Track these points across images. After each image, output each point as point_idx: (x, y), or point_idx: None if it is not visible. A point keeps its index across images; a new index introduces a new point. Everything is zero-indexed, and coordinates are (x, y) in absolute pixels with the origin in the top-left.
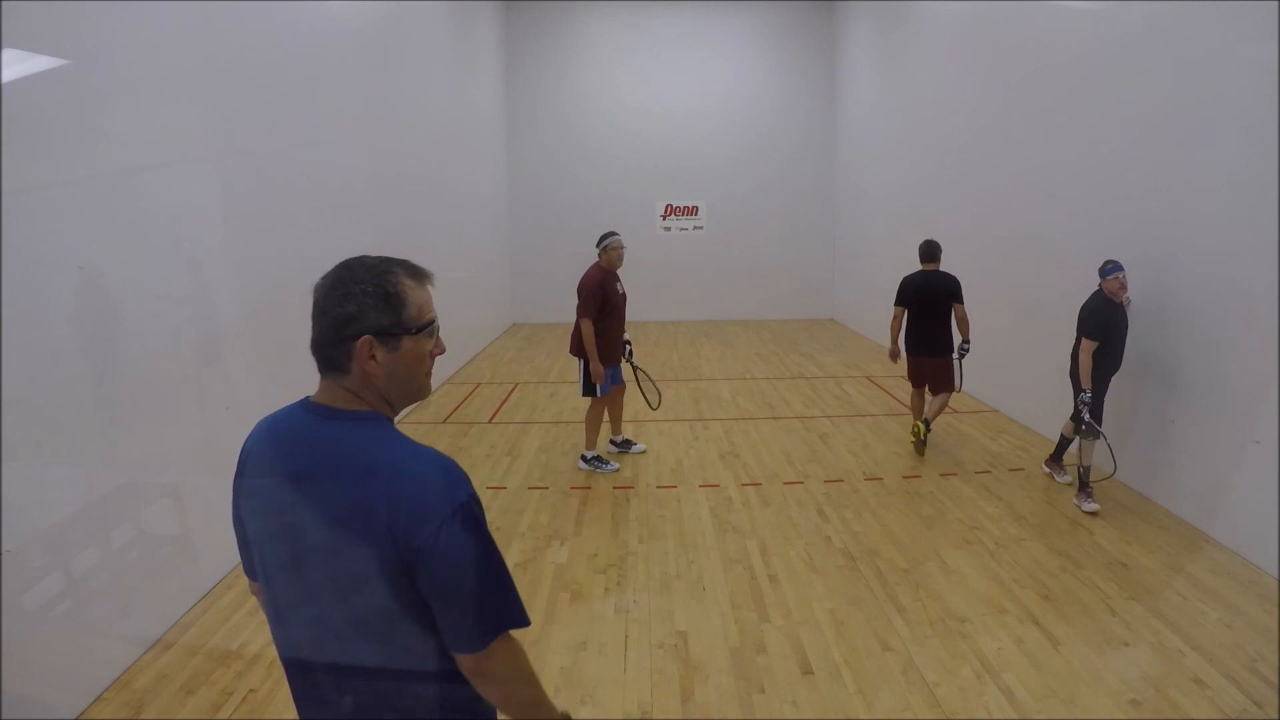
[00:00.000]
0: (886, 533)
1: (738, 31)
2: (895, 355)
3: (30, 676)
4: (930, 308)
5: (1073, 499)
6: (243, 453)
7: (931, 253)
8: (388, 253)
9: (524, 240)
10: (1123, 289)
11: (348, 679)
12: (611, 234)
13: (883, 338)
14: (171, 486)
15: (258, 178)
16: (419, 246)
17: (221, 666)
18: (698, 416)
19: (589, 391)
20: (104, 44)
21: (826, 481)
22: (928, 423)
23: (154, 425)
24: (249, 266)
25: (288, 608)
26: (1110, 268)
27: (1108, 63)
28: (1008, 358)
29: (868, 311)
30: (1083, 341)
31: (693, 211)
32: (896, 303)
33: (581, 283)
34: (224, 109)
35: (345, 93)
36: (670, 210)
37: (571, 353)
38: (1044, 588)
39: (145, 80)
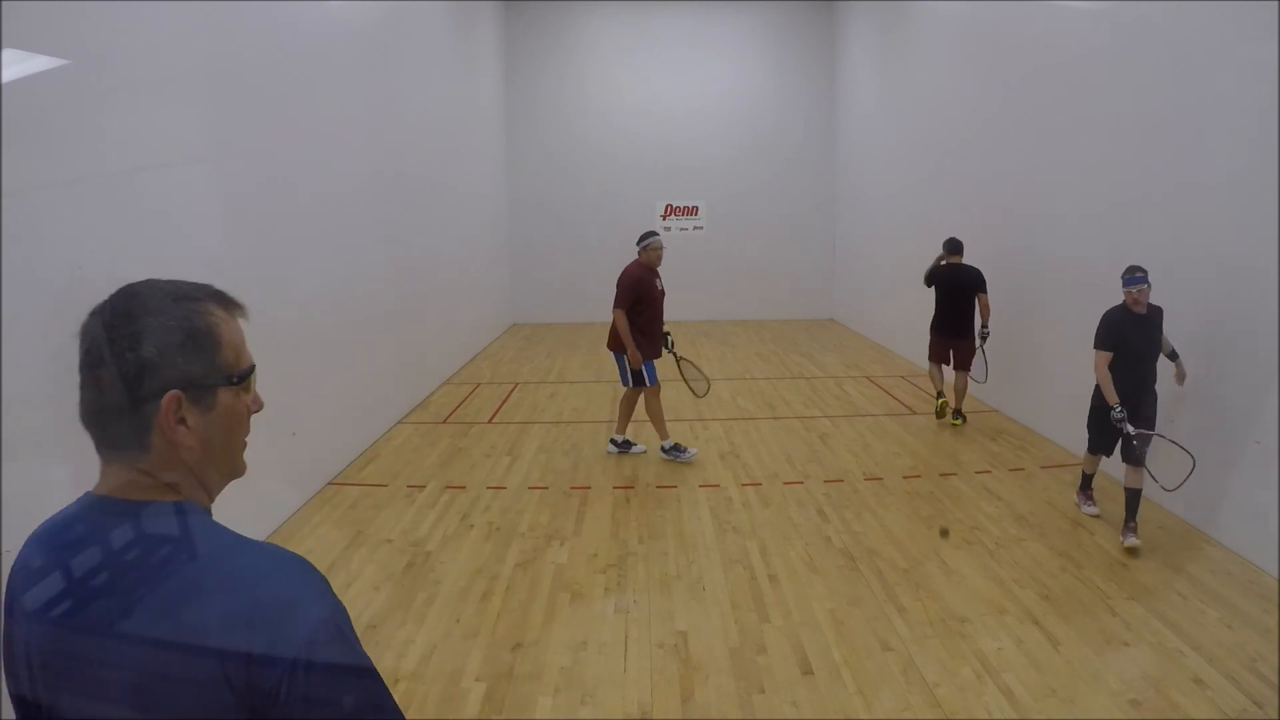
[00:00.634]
0: (886, 533)
1: (738, 31)
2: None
3: None
4: (959, 294)
5: (1075, 499)
6: (10, 580)
7: (957, 248)
8: (388, 253)
9: (524, 240)
10: (1135, 303)
11: None
12: (652, 234)
13: (883, 338)
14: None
15: (257, 178)
16: (419, 246)
17: None
18: (698, 416)
19: (637, 382)
20: (104, 44)
21: (826, 481)
22: (959, 412)
23: None
24: (249, 266)
25: None
26: (1128, 278)
27: (1108, 63)
28: (1008, 358)
29: (868, 311)
30: (1096, 354)
31: (693, 211)
32: (929, 284)
33: (620, 277)
34: (224, 109)
35: (345, 93)
36: (670, 210)
37: (609, 347)
38: (1044, 588)
39: (145, 80)
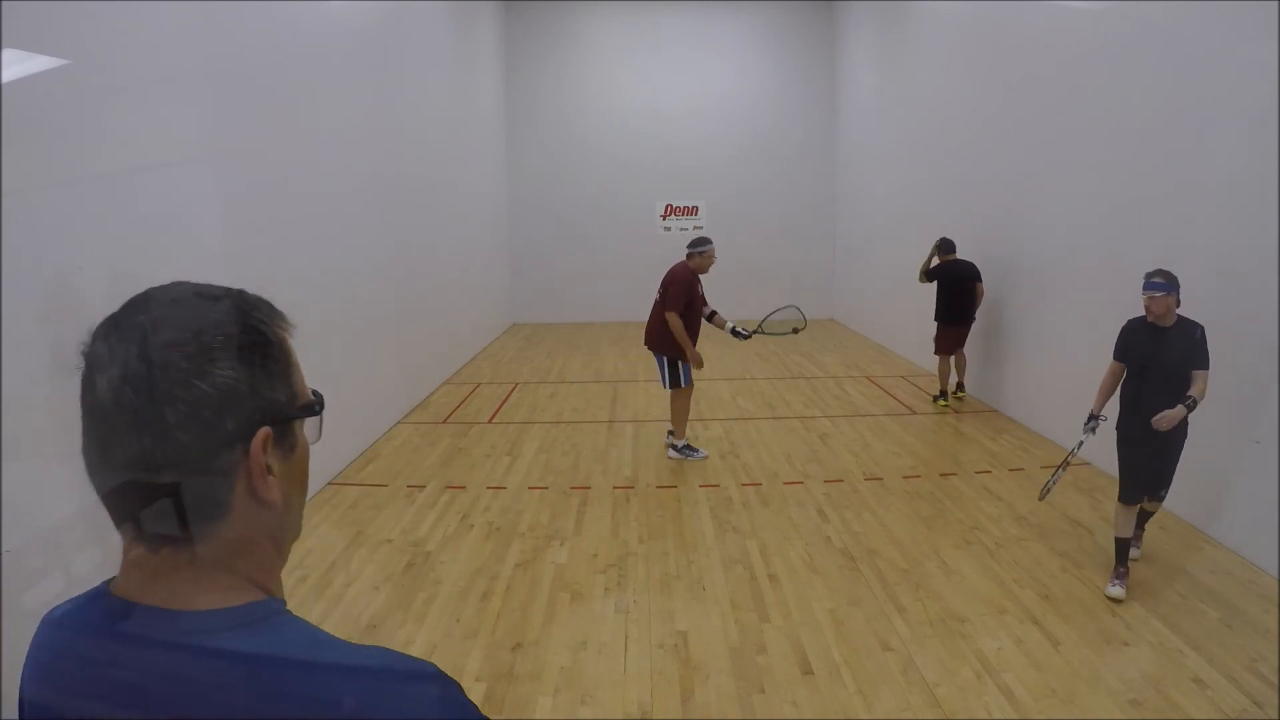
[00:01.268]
0: (886, 533)
1: (738, 31)
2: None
3: None
4: (959, 286)
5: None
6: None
7: (952, 246)
8: (388, 253)
9: (524, 240)
10: (1148, 311)
11: None
12: (707, 241)
13: (883, 338)
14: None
15: (257, 177)
16: (419, 246)
17: None
18: (697, 416)
19: (675, 384)
20: (104, 44)
21: (826, 481)
22: (961, 385)
23: None
24: (249, 266)
25: None
26: (1146, 283)
27: (1108, 63)
28: (1008, 358)
29: (868, 311)
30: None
31: (693, 211)
32: (930, 280)
33: (671, 278)
34: (224, 109)
35: (345, 93)
36: (670, 210)
37: (648, 345)
38: (1044, 588)
39: (145, 80)
